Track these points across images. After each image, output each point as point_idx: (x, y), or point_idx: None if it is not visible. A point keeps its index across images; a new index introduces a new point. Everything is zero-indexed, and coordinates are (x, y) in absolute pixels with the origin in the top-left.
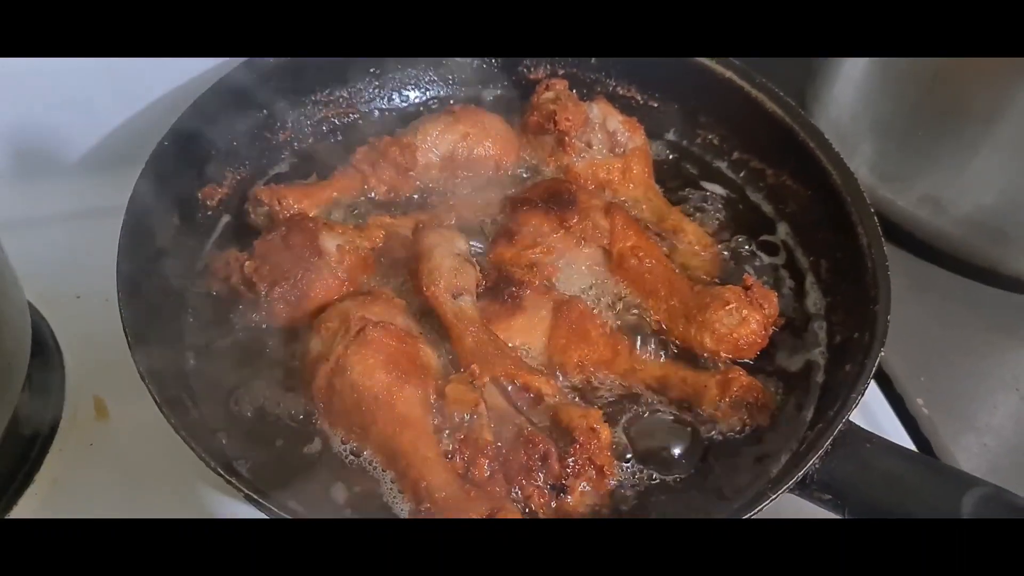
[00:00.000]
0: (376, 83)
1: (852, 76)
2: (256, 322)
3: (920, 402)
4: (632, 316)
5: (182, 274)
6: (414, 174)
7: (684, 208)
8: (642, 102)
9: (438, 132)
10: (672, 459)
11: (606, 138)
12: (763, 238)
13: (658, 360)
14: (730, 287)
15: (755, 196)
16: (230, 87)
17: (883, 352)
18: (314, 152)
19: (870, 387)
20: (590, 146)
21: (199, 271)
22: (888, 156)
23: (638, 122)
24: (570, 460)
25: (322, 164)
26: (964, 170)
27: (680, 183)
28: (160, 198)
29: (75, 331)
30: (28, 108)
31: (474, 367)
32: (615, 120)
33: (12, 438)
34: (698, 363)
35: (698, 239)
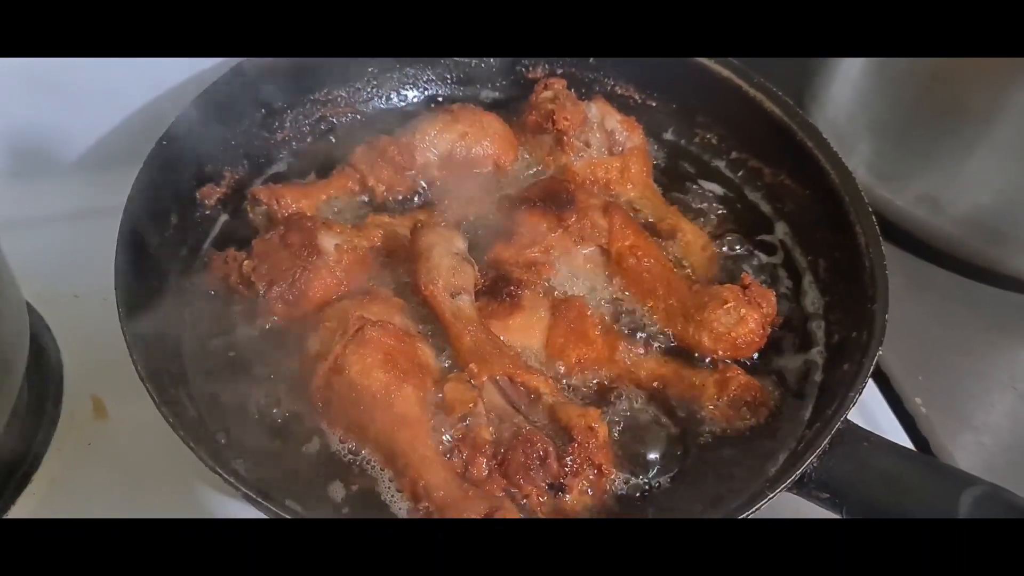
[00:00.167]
0: (374, 82)
1: (850, 76)
2: (254, 321)
3: (918, 401)
4: (630, 315)
5: (180, 273)
6: (412, 173)
7: (682, 207)
8: (640, 101)
9: (436, 131)
10: (670, 458)
11: (604, 137)
12: (761, 237)
13: (656, 359)
14: (728, 286)
15: (753, 195)
16: (228, 87)
17: (881, 351)
18: (312, 151)
19: (868, 386)
20: (588, 145)
21: (197, 270)
22: (886, 156)
23: (636, 121)
24: (568, 459)
25: (320, 163)
26: (961, 169)
27: (678, 182)
28: (158, 197)
29: (73, 331)
30: (26, 108)
31: (472, 366)
32: (613, 119)
33: (10, 437)
34: (696, 362)
35: (696, 238)
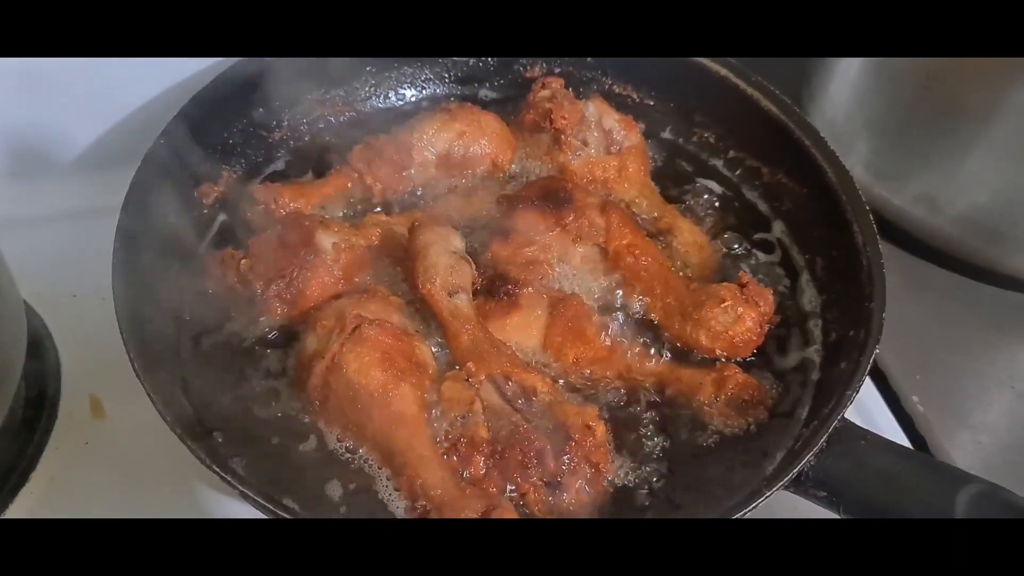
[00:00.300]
0: (372, 81)
1: (848, 75)
2: (252, 320)
3: (915, 399)
4: (628, 314)
5: (178, 272)
6: (410, 172)
7: (680, 206)
8: (638, 100)
9: (434, 130)
10: (667, 457)
11: (602, 136)
12: (759, 236)
13: (654, 358)
14: (726, 285)
15: (751, 194)
16: (226, 86)
17: (878, 350)
18: (310, 150)
19: (865, 384)
20: (586, 144)
21: (195, 269)
22: (883, 155)
23: (634, 120)
24: (565, 457)
25: (318, 162)
26: (959, 169)
27: (676, 181)
28: (156, 196)
29: (71, 330)
30: (24, 107)
31: (470, 365)
32: (611, 118)
33: (8, 437)
34: (694, 361)
35: (694, 237)
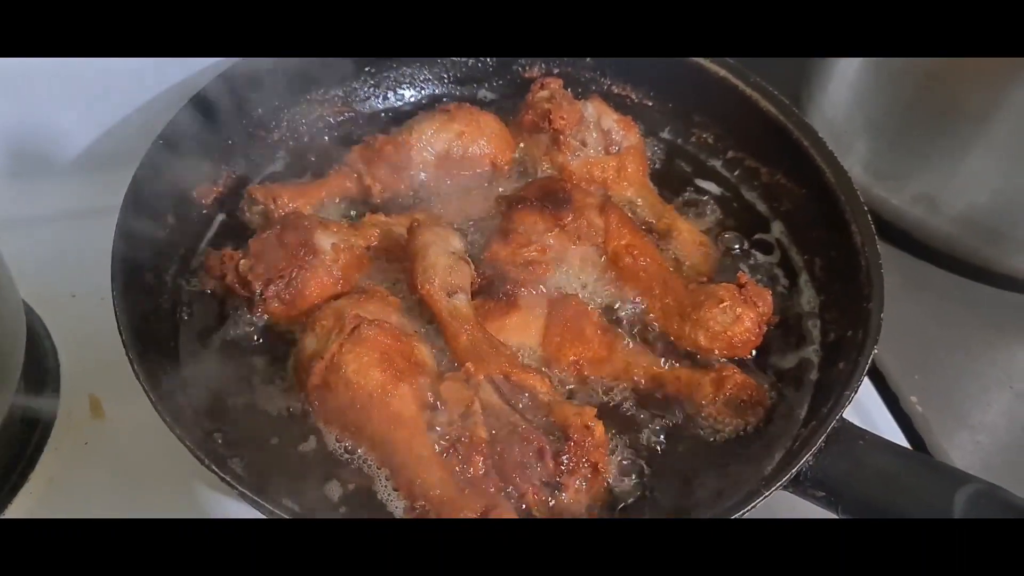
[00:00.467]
0: (371, 82)
1: (846, 75)
2: (251, 320)
3: (914, 399)
4: (626, 314)
5: (177, 273)
6: (409, 173)
7: (679, 206)
8: (637, 101)
9: (433, 131)
10: (666, 457)
11: (601, 137)
12: (757, 236)
13: (652, 358)
14: (724, 285)
15: (749, 195)
16: (225, 86)
17: (877, 350)
18: (309, 151)
19: (864, 385)
20: (585, 145)
21: (194, 270)
22: (882, 155)
23: (633, 121)
24: (564, 458)
25: (317, 163)
26: (958, 169)
27: (675, 182)
28: (155, 197)
29: (70, 330)
30: (23, 107)
31: (469, 365)
32: (610, 119)
33: (7, 437)
34: (692, 361)
35: (692, 237)
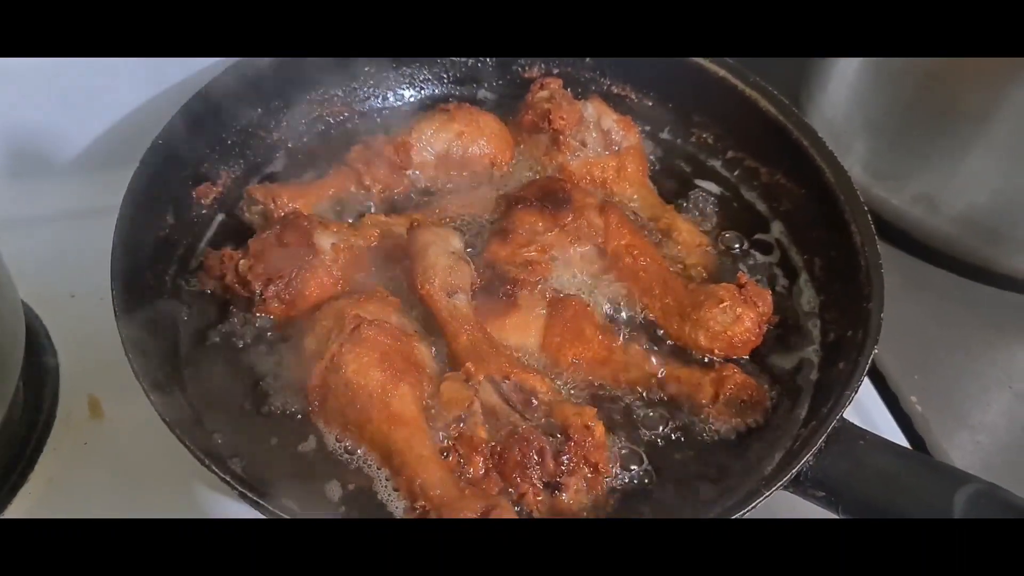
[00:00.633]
0: (371, 82)
1: (846, 75)
2: (251, 320)
3: (914, 399)
4: (626, 314)
5: (177, 273)
6: (409, 173)
7: (678, 206)
8: (636, 101)
9: (433, 131)
10: (666, 457)
11: (600, 137)
12: (757, 236)
13: (652, 358)
14: (724, 285)
15: (749, 195)
16: (224, 86)
17: (877, 350)
18: (309, 151)
19: (864, 385)
20: (584, 145)
21: (193, 270)
22: (882, 155)
23: (632, 121)
24: (564, 458)
25: (317, 163)
26: (957, 169)
27: (674, 182)
28: (154, 197)
29: (70, 330)
30: (22, 107)
31: (469, 365)
32: (609, 119)
33: (6, 437)
34: (692, 361)
35: (692, 237)
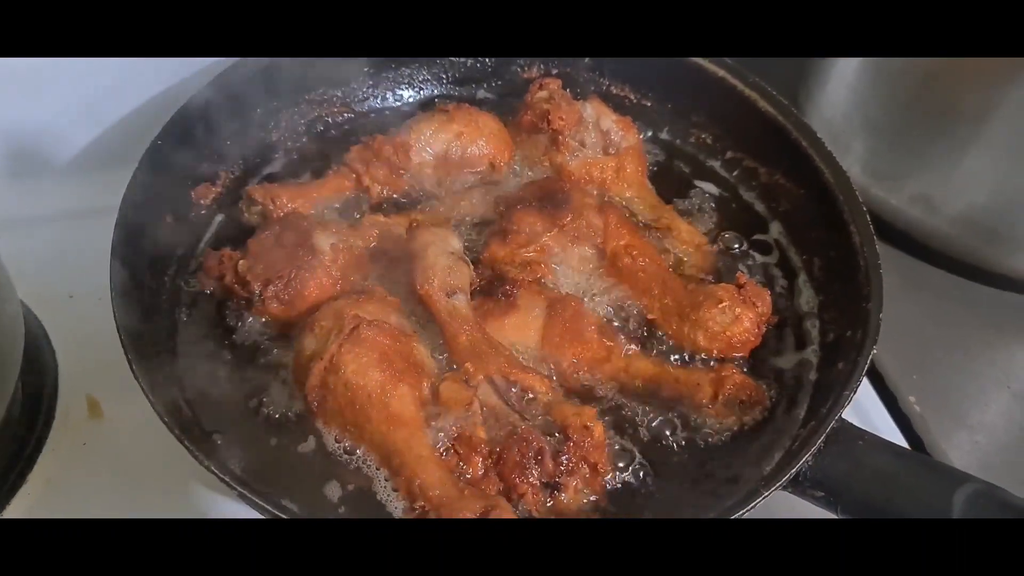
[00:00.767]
0: (370, 82)
1: (845, 76)
2: (250, 321)
3: (912, 400)
4: (625, 315)
5: (176, 273)
6: (408, 173)
7: (677, 207)
8: (635, 101)
9: (432, 131)
10: (665, 457)
11: (600, 137)
12: (756, 237)
13: (651, 358)
14: (723, 285)
15: (748, 195)
16: (223, 86)
17: (875, 350)
18: (308, 151)
19: (863, 385)
20: (584, 145)
21: (193, 270)
22: (880, 155)
23: (631, 121)
24: (563, 458)
25: (316, 163)
26: (956, 169)
27: (673, 182)
28: (154, 197)
29: (68, 330)
30: (22, 107)
31: (468, 365)
32: (608, 119)
33: (5, 437)
34: (691, 361)
35: (691, 238)
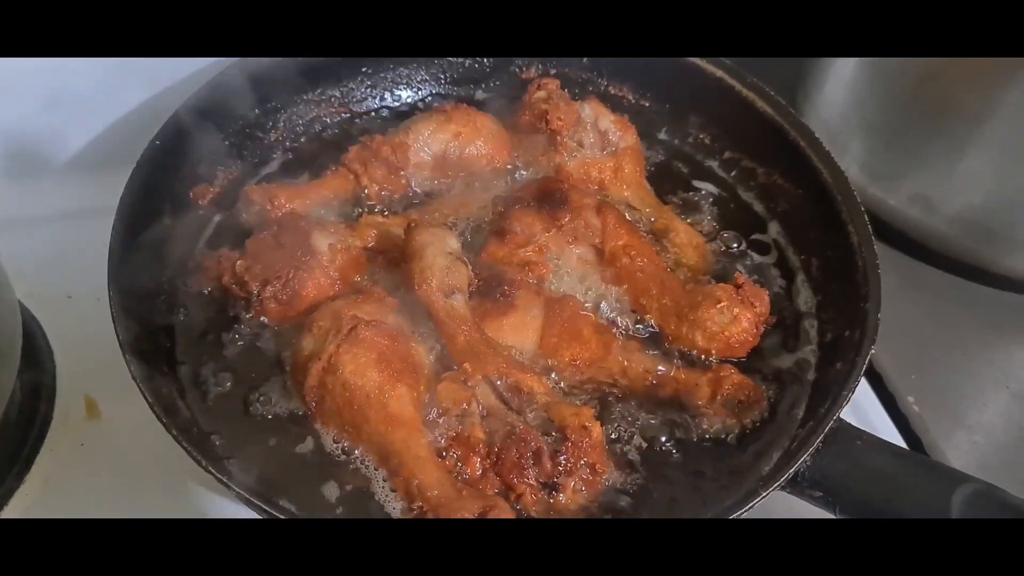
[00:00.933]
0: (368, 82)
1: (842, 76)
2: (248, 321)
3: (911, 400)
4: (623, 315)
5: (174, 273)
6: (406, 173)
7: (675, 207)
8: (634, 101)
9: (430, 131)
10: (664, 457)
11: (598, 137)
12: (754, 237)
13: (649, 359)
14: (722, 286)
15: (746, 195)
16: (222, 87)
17: (874, 350)
18: (306, 151)
19: (861, 385)
20: (582, 145)
21: (191, 270)
22: (878, 155)
23: (629, 121)
24: (562, 458)
25: (314, 163)
26: (954, 169)
27: (672, 182)
28: (151, 197)
29: (66, 331)
30: (20, 108)
31: (466, 365)
32: (607, 119)
33: (3, 437)
34: (690, 361)
35: (689, 238)
